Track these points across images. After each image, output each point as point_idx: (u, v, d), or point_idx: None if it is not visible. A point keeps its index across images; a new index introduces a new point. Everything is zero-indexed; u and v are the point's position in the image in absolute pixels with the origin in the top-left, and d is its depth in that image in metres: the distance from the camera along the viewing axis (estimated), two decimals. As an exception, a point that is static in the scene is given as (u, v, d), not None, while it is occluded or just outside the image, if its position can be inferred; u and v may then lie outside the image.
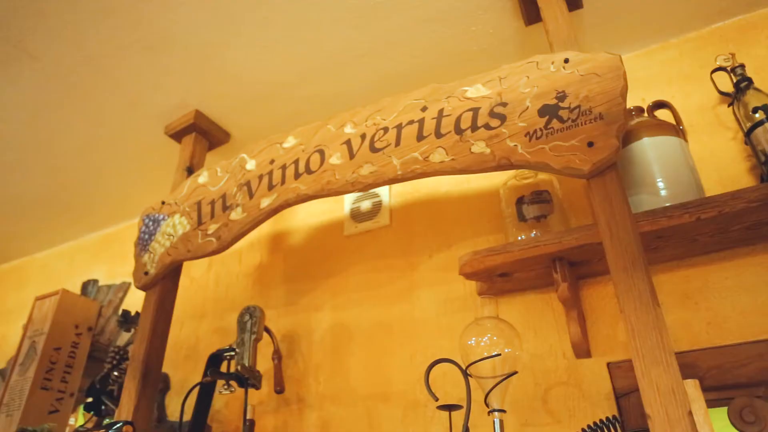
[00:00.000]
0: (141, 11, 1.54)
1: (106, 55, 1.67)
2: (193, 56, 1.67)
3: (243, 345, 1.48)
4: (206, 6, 1.52)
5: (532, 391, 1.31)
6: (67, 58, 1.68)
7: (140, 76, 1.74)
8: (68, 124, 1.95)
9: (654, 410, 0.85)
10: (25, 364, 2.04)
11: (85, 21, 1.57)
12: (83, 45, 1.64)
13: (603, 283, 1.34)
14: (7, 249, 2.93)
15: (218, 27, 1.58)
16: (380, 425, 1.44)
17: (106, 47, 1.64)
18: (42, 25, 1.58)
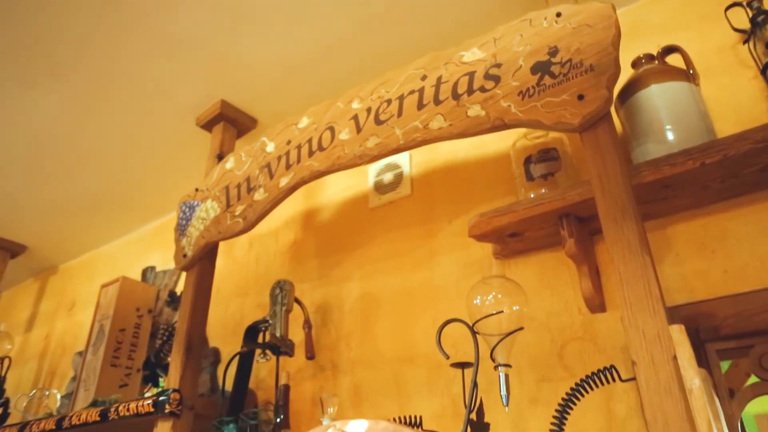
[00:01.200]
0: (159, 17, 1.64)
1: (134, 60, 1.79)
2: (213, 50, 1.75)
3: (275, 316, 1.57)
4: (219, 3, 1.60)
5: (549, 347, 1.33)
6: (98, 66, 1.81)
7: (167, 75, 1.85)
8: (108, 127, 2.11)
9: (640, 356, 0.86)
10: (96, 344, 2.25)
11: (111, 31, 1.69)
12: (111, 53, 1.76)
13: (617, 237, 1.33)
14: (78, 245, 3.19)
15: (231, 19, 1.66)
16: (406, 386, 1.50)
17: (132, 53, 1.76)
18: (71, 37, 1.71)
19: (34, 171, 2.50)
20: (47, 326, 3.18)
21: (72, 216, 2.89)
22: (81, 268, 3.21)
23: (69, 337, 2.91)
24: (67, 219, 2.92)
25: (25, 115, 2.09)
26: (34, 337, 3.22)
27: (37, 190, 2.64)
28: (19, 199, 2.74)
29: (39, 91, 1.95)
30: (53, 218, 2.92)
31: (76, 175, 2.51)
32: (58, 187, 2.62)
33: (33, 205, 2.80)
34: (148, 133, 2.13)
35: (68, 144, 2.25)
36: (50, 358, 2.98)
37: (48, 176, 2.53)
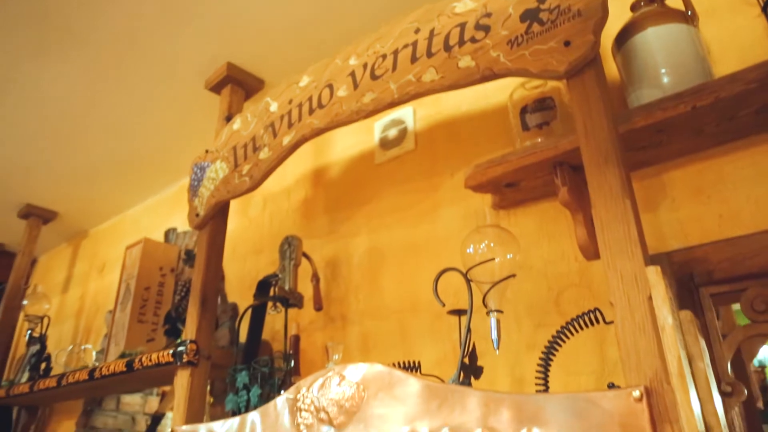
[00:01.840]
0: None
1: (144, 27, 1.84)
2: (217, 13, 1.78)
3: (284, 271, 1.64)
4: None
5: (546, 295, 1.36)
6: (110, 35, 1.87)
7: (175, 39, 1.89)
8: (123, 95, 2.17)
9: (617, 297, 0.89)
10: (124, 303, 2.37)
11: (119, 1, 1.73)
12: (122, 21, 1.81)
13: (614, 184, 1.33)
14: (105, 210, 3.32)
15: (230, -23, 1.67)
16: (410, 334, 1.56)
17: (142, 20, 1.80)
18: (83, 9, 1.75)
19: (58, 139, 2.59)
20: (81, 287, 3.34)
21: (97, 182, 2.99)
22: (109, 232, 3.34)
23: (101, 296, 3.05)
24: (93, 185, 3.03)
25: (43, 85, 2.16)
26: (70, 297, 3.40)
27: (62, 157, 2.75)
28: (47, 167, 2.85)
29: (54, 60, 2.01)
30: (80, 185, 3.03)
31: (97, 142, 2.59)
32: (81, 155, 2.72)
33: (60, 172, 2.91)
34: (161, 98, 2.18)
35: (86, 112, 2.33)
36: (86, 317, 3.15)
37: (71, 144, 2.62)
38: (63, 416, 2.87)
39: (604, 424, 0.81)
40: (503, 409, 0.91)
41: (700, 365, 1.00)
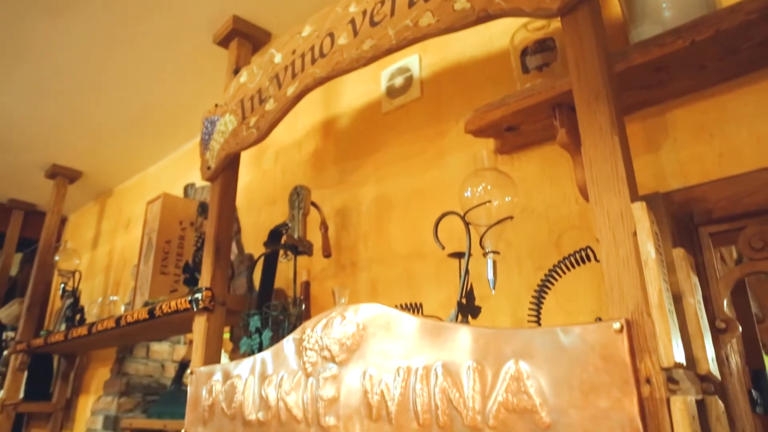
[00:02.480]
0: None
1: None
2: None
3: (294, 219, 1.68)
4: None
5: (547, 237, 1.37)
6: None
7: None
8: (135, 52, 2.20)
9: (603, 234, 0.90)
10: (147, 256, 2.46)
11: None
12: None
13: (616, 125, 1.32)
14: (127, 168, 3.40)
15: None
16: (417, 279, 1.60)
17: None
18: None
19: (76, 99, 2.65)
20: (109, 243, 3.47)
21: (118, 141, 3.07)
22: (132, 189, 3.43)
23: (128, 251, 3.17)
24: (114, 144, 3.10)
25: (56, 45, 2.20)
26: (99, 253, 3.53)
27: (83, 117, 2.81)
28: (69, 127, 2.93)
29: (65, 20, 2.04)
30: (102, 144, 3.11)
31: (115, 102, 2.65)
32: (100, 114, 2.78)
33: (82, 132, 2.98)
34: (171, 55, 2.20)
35: (101, 71, 2.37)
36: (114, 271, 3.28)
37: (89, 104, 2.68)
38: (99, 363, 3.04)
39: (586, 355, 0.84)
40: (491, 344, 0.94)
41: (691, 301, 1.02)
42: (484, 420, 0.91)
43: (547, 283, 1.10)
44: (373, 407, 1.07)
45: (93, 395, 2.96)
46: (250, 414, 1.32)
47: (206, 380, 1.49)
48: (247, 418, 1.33)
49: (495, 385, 0.92)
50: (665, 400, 0.78)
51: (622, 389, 0.80)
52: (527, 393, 0.88)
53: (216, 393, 1.45)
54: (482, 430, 0.92)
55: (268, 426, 1.28)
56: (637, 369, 0.80)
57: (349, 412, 1.11)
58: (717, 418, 0.96)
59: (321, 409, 1.16)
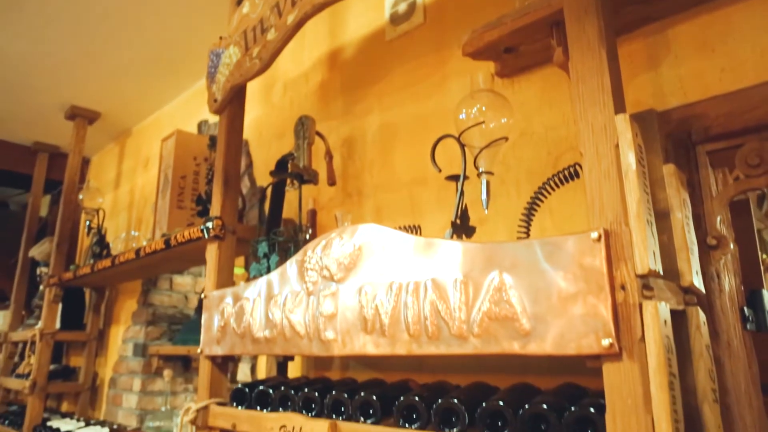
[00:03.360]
0: None
1: None
2: None
3: (299, 149, 1.71)
4: None
5: (545, 159, 1.38)
6: None
7: None
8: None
9: (586, 147, 0.91)
10: (164, 191, 2.53)
11: None
12: None
13: (618, 43, 1.29)
14: (143, 107, 3.44)
15: None
16: (420, 204, 1.63)
17: None
18: None
19: (91, 39, 2.68)
20: (130, 182, 3.56)
21: (134, 80, 3.10)
22: (150, 128, 3.48)
23: (147, 189, 3.26)
24: (130, 83, 3.14)
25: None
26: (122, 192, 3.63)
27: (98, 57, 2.84)
28: (85, 67, 2.96)
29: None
30: (118, 84, 3.15)
31: (129, 40, 2.67)
32: (115, 53, 2.81)
33: (98, 73, 3.02)
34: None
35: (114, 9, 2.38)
36: (136, 209, 3.39)
37: (104, 43, 2.70)
38: (126, 296, 3.19)
39: (566, 264, 0.87)
40: (478, 258, 0.98)
41: (678, 215, 1.03)
42: (470, 329, 0.96)
43: (537, 200, 1.12)
44: (368, 321, 1.12)
45: (123, 325, 3.13)
46: (258, 332, 1.40)
47: (218, 303, 1.57)
48: (255, 336, 1.41)
49: (480, 296, 0.96)
50: (638, 305, 0.81)
51: (597, 296, 0.83)
52: (509, 302, 0.91)
53: (227, 315, 1.53)
54: (467, 338, 0.96)
55: (274, 342, 1.35)
56: (612, 276, 0.83)
57: (347, 326, 1.17)
58: (697, 328, 0.99)
59: (321, 324, 1.22)
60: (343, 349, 1.17)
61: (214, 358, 1.60)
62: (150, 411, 2.76)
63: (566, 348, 0.85)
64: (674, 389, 0.80)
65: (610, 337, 0.80)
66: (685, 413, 0.92)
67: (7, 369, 3.53)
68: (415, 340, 1.04)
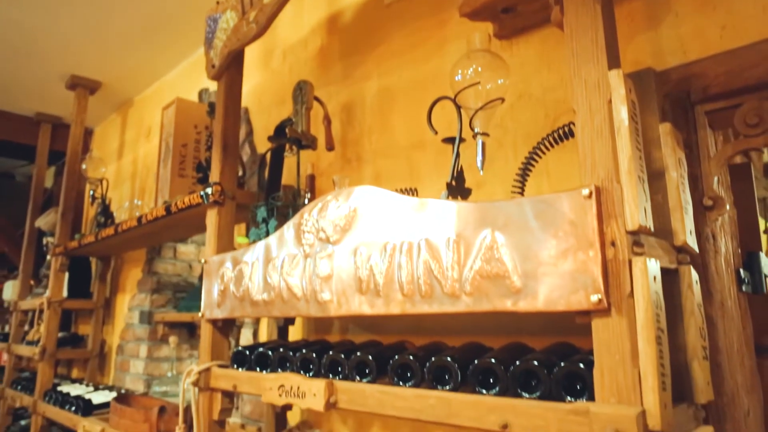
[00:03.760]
0: None
1: None
2: None
3: (297, 114, 1.70)
4: None
5: (543, 122, 1.37)
6: None
7: None
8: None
9: (579, 104, 0.90)
10: (165, 159, 2.53)
11: None
12: None
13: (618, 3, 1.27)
14: (144, 77, 3.42)
15: None
16: (418, 169, 1.63)
17: None
18: None
19: (90, 6, 2.65)
20: (133, 152, 3.57)
21: (133, 49, 3.07)
22: (151, 98, 3.47)
23: (150, 159, 3.26)
24: (130, 52, 3.12)
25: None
26: (125, 162, 3.64)
27: (97, 26, 2.82)
28: (85, 36, 2.94)
29: None
30: (118, 53, 3.13)
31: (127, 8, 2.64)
32: (114, 22, 2.79)
33: (98, 41, 3.00)
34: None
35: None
36: (139, 179, 3.40)
37: (104, 11, 2.67)
38: (131, 264, 3.23)
39: (557, 221, 0.87)
40: (471, 217, 0.98)
41: (673, 175, 1.02)
42: (462, 287, 0.97)
43: (532, 160, 1.12)
44: (363, 281, 1.14)
45: (128, 293, 3.17)
46: (257, 295, 1.41)
47: (218, 268, 1.59)
48: (254, 299, 1.43)
49: (471, 255, 0.96)
50: (628, 261, 0.81)
51: (587, 253, 0.83)
52: (500, 260, 0.92)
53: (227, 279, 1.54)
54: (459, 296, 0.97)
55: (272, 305, 1.37)
56: (603, 233, 0.83)
57: (342, 287, 1.18)
58: (689, 286, 0.99)
59: (317, 286, 1.24)
60: (339, 309, 1.19)
61: (215, 322, 1.62)
62: (156, 376, 2.82)
63: (556, 304, 0.85)
64: (662, 344, 0.81)
65: (599, 293, 0.81)
66: (674, 370, 0.93)
67: (17, 337, 3.60)
68: (409, 300, 1.05)
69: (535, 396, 0.90)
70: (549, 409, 0.86)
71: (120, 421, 2.08)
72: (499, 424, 0.91)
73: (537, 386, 0.92)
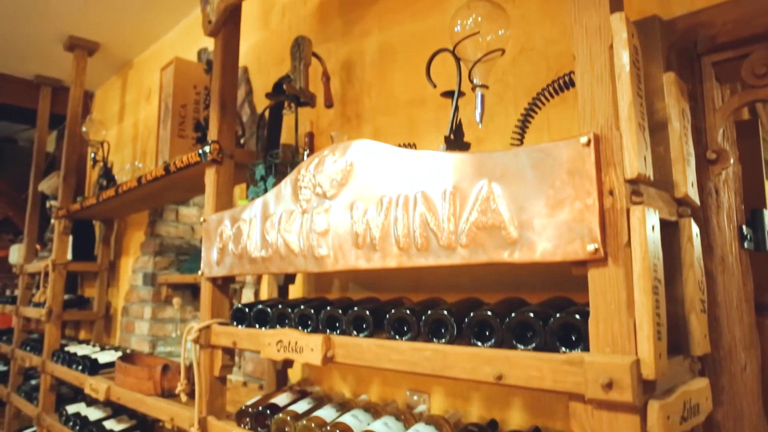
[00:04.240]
0: None
1: None
2: None
3: (296, 71, 1.67)
4: None
5: (545, 75, 1.34)
6: None
7: None
8: None
9: (579, 50, 0.87)
10: (164, 120, 2.50)
11: None
12: None
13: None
14: (143, 38, 3.37)
15: None
16: (418, 126, 1.60)
17: None
18: None
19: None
20: (134, 115, 3.54)
21: (130, 8, 3.01)
22: (151, 59, 3.43)
23: (151, 121, 3.24)
24: (128, 12, 3.06)
25: None
26: (126, 125, 3.62)
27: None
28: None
29: None
30: (115, 13, 3.07)
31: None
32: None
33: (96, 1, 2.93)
34: None
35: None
36: (140, 141, 3.38)
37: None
38: (134, 227, 3.24)
39: (553, 171, 0.85)
40: (467, 168, 0.96)
41: (676, 125, 1.00)
42: (458, 239, 0.96)
43: (531, 111, 1.09)
44: (360, 236, 1.13)
45: (132, 256, 3.19)
46: (255, 252, 1.41)
47: (217, 226, 1.58)
48: (252, 256, 1.42)
49: (468, 206, 0.95)
50: (626, 210, 0.80)
51: (585, 201, 0.81)
52: (497, 211, 0.91)
53: (226, 237, 1.54)
54: (455, 248, 0.96)
55: (270, 261, 1.37)
56: (601, 181, 0.81)
57: (339, 241, 1.17)
58: (689, 239, 0.98)
59: (314, 241, 1.23)
60: (335, 264, 1.18)
61: (215, 280, 1.63)
62: (161, 337, 2.86)
63: (553, 255, 0.84)
64: (658, 294, 0.80)
65: (596, 243, 0.80)
66: (671, 322, 0.92)
67: (25, 299, 3.65)
68: (405, 253, 1.04)
69: (530, 348, 0.90)
70: (543, 359, 0.85)
71: (125, 379, 2.11)
72: (494, 375, 0.91)
73: (532, 338, 0.91)
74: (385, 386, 1.60)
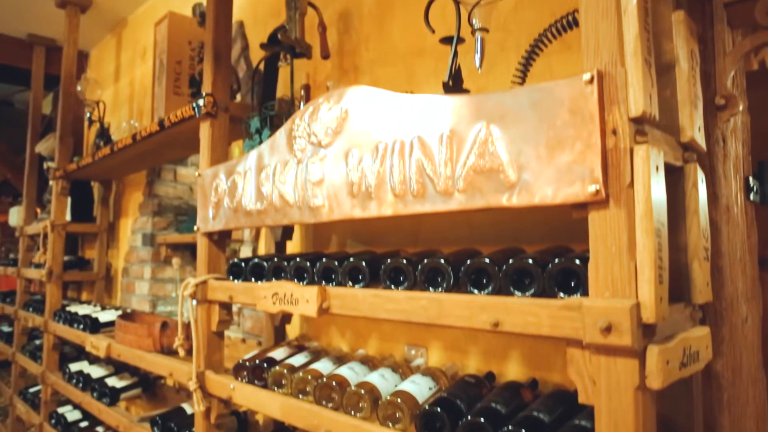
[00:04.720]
0: None
1: None
2: None
3: (291, 21, 1.62)
4: None
5: (548, 22, 1.27)
6: None
7: None
8: None
9: None
10: (160, 77, 2.45)
11: None
12: None
13: None
14: (137, -7, 3.28)
15: None
16: (417, 77, 1.56)
17: None
18: None
19: None
20: (129, 74, 3.48)
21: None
22: (145, 16, 3.34)
23: (147, 80, 3.18)
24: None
25: None
26: (122, 85, 3.56)
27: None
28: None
29: None
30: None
31: None
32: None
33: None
34: None
35: None
36: (137, 100, 3.33)
37: None
38: (132, 188, 3.21)
39: (554, 110, 0.82)
40: (465, 110, 0.93)
41: (684, 66, 0.96)
42: (455, 184, 0.93)
43: (534, 52, 1.05)
44: (355, 184, 1.10)
45: (131, 217, 3.18)
46: (249, 205, 1.39)
47: (212, 180, 1.55)
48: (247, 209, 1.40)
49: (465, 150, 0.92)
50: (629, 150, 0.76)
51: (586, 142, 0.78)
52: (495, 154, 0.88)
53: (221, 191, 1.51)
54: (452, 194, 0.93)
55: (265, 214, 1.35)
56: (604, 120, 0.78)
57: (334, 191, 1.15)
58: (694, 185, 0.95)
59: (309, 191, 1.20)
60: (331, 214, 1.16)
61: (211, 235, 1.61)
62: (161, 297, 2.86)
63: (553, 198, 0.82)
64: (661, 237, 0.77)
65: (597, 183, 0.77)
66: (673, 269, 0.90)
67: (26, 261, 3.65)
68: (401, 200, 1.01)
69: (528, 294, 0.88)
70: (541, 305, 0.84)
71: (125, 336, 2.12)
72: (491, 322, 0.89)
73: (531, 285, 0.89)
74: (382, 341, 1.60)
